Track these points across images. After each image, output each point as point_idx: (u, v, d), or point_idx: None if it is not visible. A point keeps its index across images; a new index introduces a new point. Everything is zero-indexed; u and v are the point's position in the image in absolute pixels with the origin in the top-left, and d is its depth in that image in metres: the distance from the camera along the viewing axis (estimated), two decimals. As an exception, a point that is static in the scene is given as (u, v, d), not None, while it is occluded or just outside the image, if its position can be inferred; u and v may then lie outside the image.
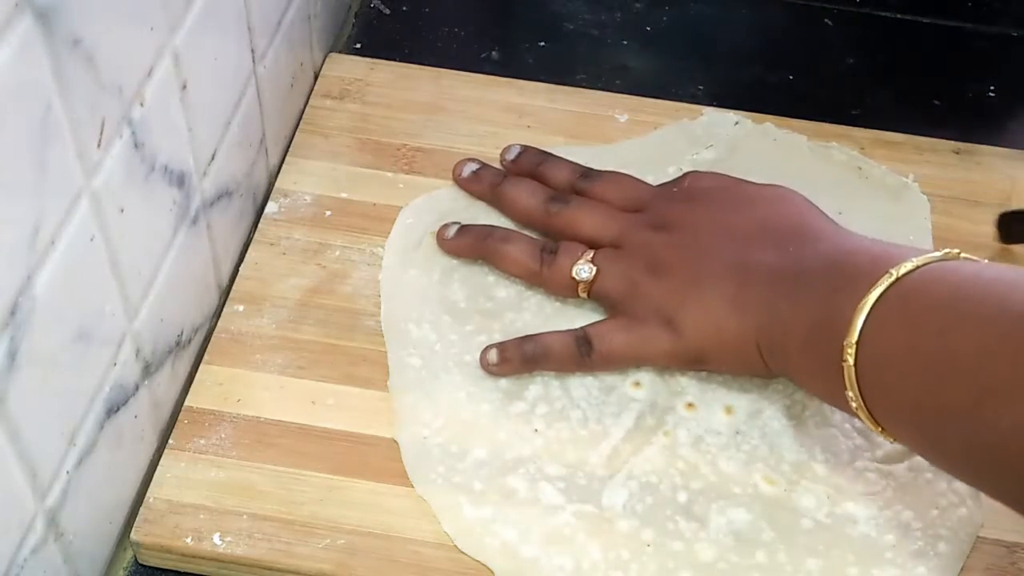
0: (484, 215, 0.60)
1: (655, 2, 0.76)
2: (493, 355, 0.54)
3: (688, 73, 0.72)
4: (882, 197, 0.63)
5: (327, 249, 0.59)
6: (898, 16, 0.76)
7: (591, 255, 0.55)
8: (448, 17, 0.74)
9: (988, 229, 0.61)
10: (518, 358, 0.53)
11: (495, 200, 0.60)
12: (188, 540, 0.48)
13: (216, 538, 0.48)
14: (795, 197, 0.55)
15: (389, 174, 0.63)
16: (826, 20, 0.75)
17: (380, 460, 0.51)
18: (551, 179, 0.60)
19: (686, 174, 0.59)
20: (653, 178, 0.60)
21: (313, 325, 0.56)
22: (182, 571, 0.49)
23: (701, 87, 0.71)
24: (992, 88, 0.72)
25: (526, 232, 0.58)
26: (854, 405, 0.46)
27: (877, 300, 0.45)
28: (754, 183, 0.57)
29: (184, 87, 0.48)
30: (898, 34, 0.76)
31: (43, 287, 0.39)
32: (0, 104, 0.34)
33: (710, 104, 0.68)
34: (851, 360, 0.45)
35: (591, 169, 0.60)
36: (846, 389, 0.46)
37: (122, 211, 0.44)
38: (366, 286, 0.58)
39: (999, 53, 0.75)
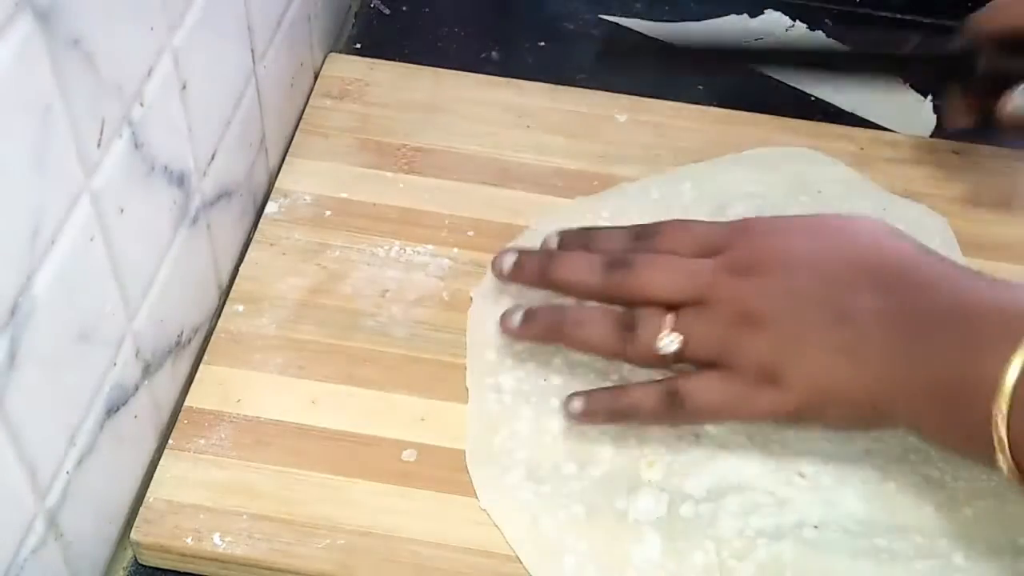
0: None
1: (655, 2, 0.76)
2: (578, 404, 0.51)
3: (688, 73, 0.71)
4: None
5: (327, 249, 0.59)
6: (898, 16, 0.76)
7: (672, 322, 0.49)
8: (448, 17, 0.74)
9: (988, 229, 0.62)
10: (605, 411, 0.51)
11: (548, 283, 0.54)
12: (188, 540, 0.48)
13: (216, 538, 0.48)
14: (887, 229, 0.50)
15: (389, 174, 0.63)
16: (826, 20, 0.75)
17: (380, 460, 0.51)
18: (604, 250, 0.54)
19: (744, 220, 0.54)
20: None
21: (313, 325, 0.56)
22: (182, 571, 0.49)
23: (701, 87, 0.71)
24: (992, 88, 0.72)
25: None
26: (1005, 468, 0.43)
27: None
28: (830, 215, 0.52)
29: (184, 87, 0.48)
30: (898, 34, 0.76)
31: (43, 287, 0.38)
32: (0, 104, 0.34)
33: (710, 104, 0.68)
34: (1003, 428, 0.42)
35: (646, 225, 0.54)
36: (996, 452, 0.43)
37: (122, 211, 0.44)
38: (366, 286, 0.58)
39: (999, 53, 0.75)
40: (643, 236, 0.54)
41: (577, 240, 0.55)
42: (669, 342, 0.49)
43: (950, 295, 0.46)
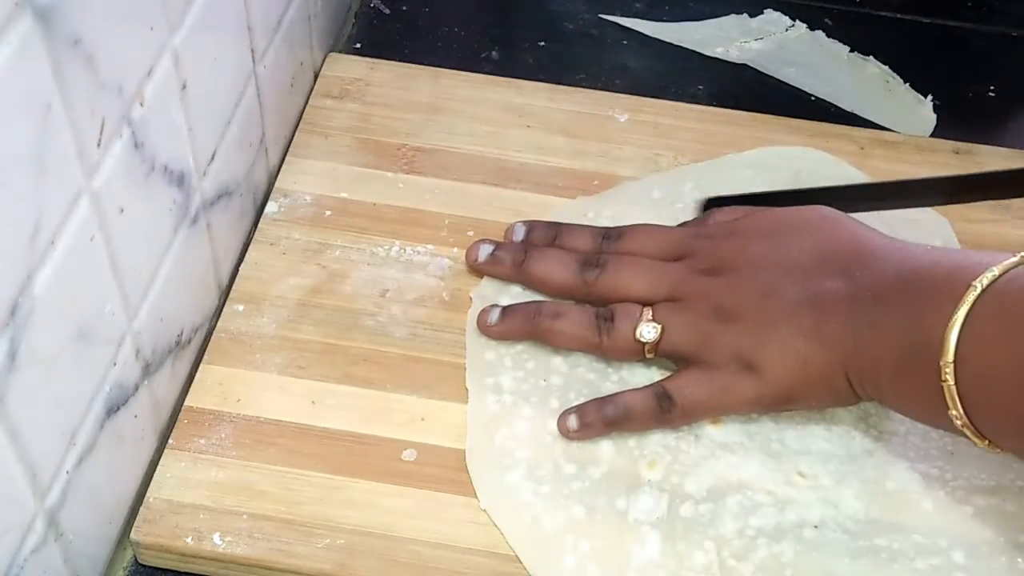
0: None
1: (655, 2, 0.76)
2: (573, 421, 0.52)
3: (688, 73, 0.72)
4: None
5: (327, 249, 0.59)
6: (898, 16, 0.76)
7: (651, 313, 0.52)
8: (448, 17, 0.74)
9: (988, 229, 0.62)
10: (599, 421, 0.51)
11: (523, 279, 0.57)
12: (188, 540, 0.48)
13: (216, 538, 0.48)
14: (837, 216, 0.53)
15: (389, 174, 0.63)
16: (826, 20, 0.75)
17: (380, 460, 0.51)
18: (573, 247, 0.57)
19: (708, 212, 0.58)
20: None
21: (313, 325, 0.56)
22: (182, 571, 0.49)
23: (701, 87, 0.71)
24: (992, 88, 0.72)
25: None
26: (959, 423, 0.45)
27: (967, 316, 0.44)
28: (783, 209, 0.55)
29: (184, 87, 0.48)
30: (898, 34, 0.76)
31: (43, 287, 0.39)
32: (0, 104, 0.34)
33: (710, 104, 0.68)
34: (951, 380, 0.45)
35: (611, 228, 0.57)
36: (949, 409, 0.45)
37: (122, 211, 0.44)
38: (366, 286, 0.58)
39: (999, 53, 0.75)
40: (610, 237, 0.57)
41: (545, 234, 0.58)
42: (648, 330, 0.52)
43: (898, 266, 0.49)
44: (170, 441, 0.51)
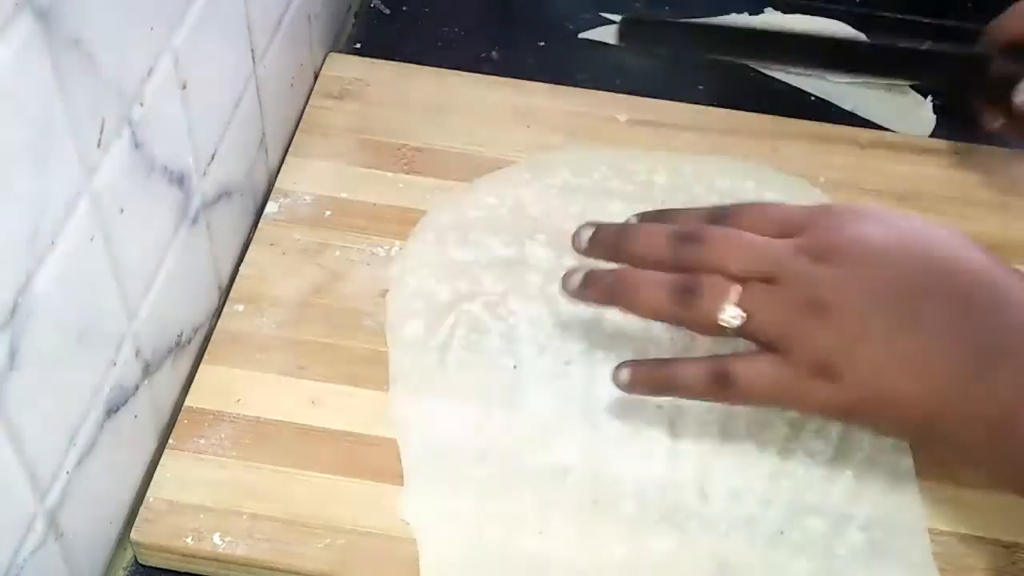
0: (499, 235, 0.59)
1: (655, 2, 0.76)
2: (624, 375, 0.50)
3: (688, 73, 0.72)
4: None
5: (327, 249, 0.59)
6: (898, 16, 0.76)
7: (737, 296, 0.47)
8: (448, 17, 0.74)
9: (988, 229, 0.62)
10: (649, 383, 0.50)
11: (621, 256, 0.51)
12: (188, 540, 0.48)
13: (216, 538, 0.48)
14: (976, 246, 0.48)
15: (389, 174, 0.63)
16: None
17: (380, 460, 0.51)
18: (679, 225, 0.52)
19: (840, 205, 0.53)
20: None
21: (313, 325, 0.56)
22: (182, 571, 0.49)
23: (701, 87, 0.71)
24: (992, 88, 0.72)
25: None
26: None
27: None
28: (913, 219, 0.49)
29: (184, 87, 0.48)
30: (898, 34, 0.76)
31: (43, 287, 0.39)
32: (0, 104, 0.34)
33: (710, 104, 0.68)
34: None
35: (722, 207, 0.52)
36: None
37: (122, 211, 0.44)
38: (366, 286, 0.58)
39: (999, 53, 0.75)
40: (719, 217, 0.51)
41: (653, 219, 0.54)
42: (732, 317, 0.47)
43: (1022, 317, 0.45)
44: (170, 441, 0.51)
